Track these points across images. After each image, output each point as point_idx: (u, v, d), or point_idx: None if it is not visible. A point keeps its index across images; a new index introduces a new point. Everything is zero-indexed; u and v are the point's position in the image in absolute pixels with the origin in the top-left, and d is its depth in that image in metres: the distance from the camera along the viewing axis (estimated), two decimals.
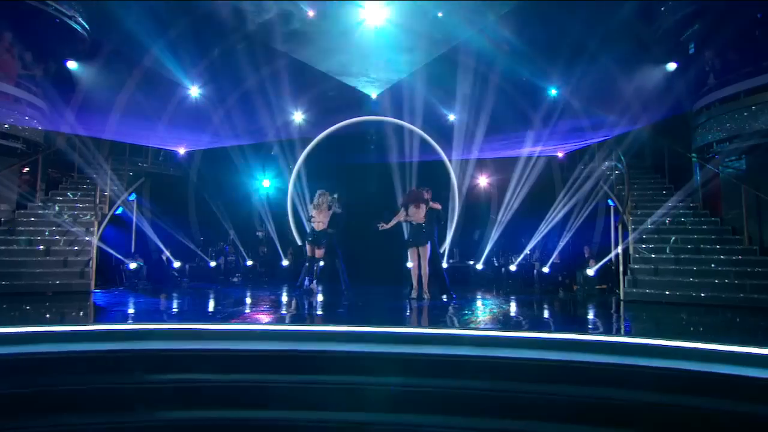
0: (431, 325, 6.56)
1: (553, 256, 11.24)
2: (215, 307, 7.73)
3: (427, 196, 9.03)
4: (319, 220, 9.45)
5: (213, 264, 12.09)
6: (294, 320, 6.75)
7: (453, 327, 6.41)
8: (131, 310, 7.31)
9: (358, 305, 8.22)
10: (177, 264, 11.29)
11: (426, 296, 8.85)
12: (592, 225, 12.93)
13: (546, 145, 12.38)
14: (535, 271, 11.24)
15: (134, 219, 12.89)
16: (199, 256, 12.26)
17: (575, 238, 13.31)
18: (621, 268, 8.97)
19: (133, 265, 10.46)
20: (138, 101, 12.25)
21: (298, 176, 15.02)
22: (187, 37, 12.19)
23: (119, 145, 12.40)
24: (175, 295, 9.32)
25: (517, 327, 6.45)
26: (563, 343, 5.60)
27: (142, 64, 12.21)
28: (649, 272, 8.97)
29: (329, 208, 9.66)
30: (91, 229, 9.87)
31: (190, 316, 6.74)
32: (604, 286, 9.99)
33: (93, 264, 9.34)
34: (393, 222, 9.21)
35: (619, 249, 9.21)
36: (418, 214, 8.84)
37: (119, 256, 10.64)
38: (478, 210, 14.61)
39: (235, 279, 11.99)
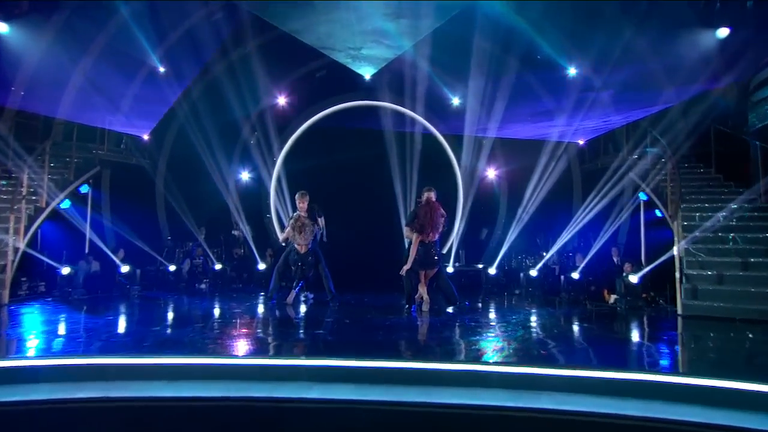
0: (443, 356, 4.72)
1: (585, 259, 9.42)
2: (146, 328, 5.84)
3: (440, 209, 7.17)
4: (301, 243, 7.55)
5: (172, 268, 10.21)
6: (257, 348, 4.89)
7: (472, 360, 4.57)
8: (29, 335, 5.37)
9: (343, 323, 6.37)
10: (125, 269, 9.39)
11: (423, 301, 7.10)
12: (612, 221, 11.16)
13: (570, 124, 10.56)
14: (562, 278, 9.40)
15: (88, 215, 11.02)
16: (158, 259, 10.37)
17: (598, 237, 11.54)
18: (677, 275, 7.16)
19: (65, 271, 8.56)
20: (91, 75, 10.35)
21: (282, 169, 13.27)
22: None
23: (65, 127, 10.53)
24: (105, 308, 7.44)
25: (566, 359, 4.62)
26: (642, 386, 3.80)
27: (94, 34, 10.34)
28: (710, 280, 7.16)
29: (314, 221, 7.77)
30: (17, 226, 7.97)
31: (96, 344, 4.86)
32: (645, 296, 8.18)
33: (9, 270, 7.45)
34: (414, 250, 7.16)
35: (675, 251, 7.39)
36: (435, 234, 7.05)
37: (49, 260, 8.74)
38: (485, 205, 12.80)
39: (203, 286, 10.14)
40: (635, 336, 5.97)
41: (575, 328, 6.44)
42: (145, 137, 11.92)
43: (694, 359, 4.88)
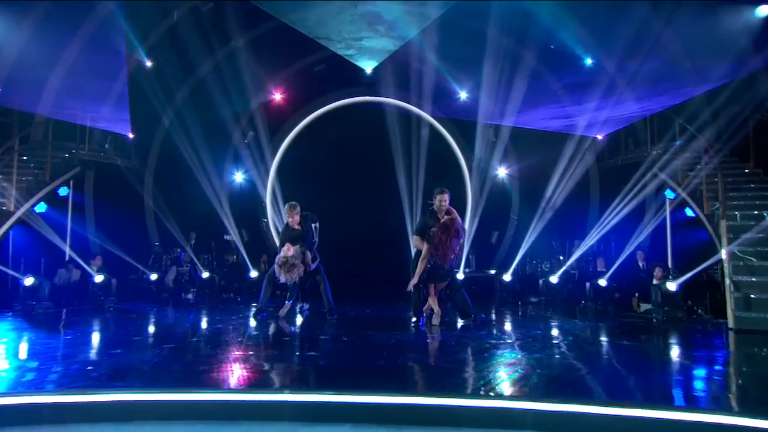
0: (459, 388, 3.82)
1: (615, 264, 8.50)
2: (102, 352, 4.96)
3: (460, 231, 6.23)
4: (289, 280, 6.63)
5: (154, 277, 9.33)
6: (230, 378, 4.01)
7: (497, 393, 3.68)
8: None
9: (340, 342, 5.48)
10: (99, 278, 8.52)
11: (434, 313, 6.23)
12: (634, 222, 10.25)
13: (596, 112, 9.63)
14: (587, 285, 8.47)
15: (68, 220, 10.23)
16: (140, 268, 9.51)
17: (619, 240, 10.62)
18: (726, 282, 6.23)
19: (28, 282, 7.70)
20: (70, 67, 9.54)
21: (278, 170, 12.46)
22: None
23: (46, 123, 9.73)
24: (66, 325, 6.55)
25: (613, 391, 3.72)
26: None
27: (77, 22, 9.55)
28: (763, 288, 6.22)
29: (308, 232, 6.84)
30: None
31: (28, 375, 3.97)
32: (683, 306, 7.26)
33: None
34: (422, 266, 6.18)
35: (723, 254, 6.46)
36: (450, 258, 6.14)
37: (10, 271, 7.89)
38: (496, 206, 11.90)
39: (190, 296, 9.27)
40: (691, 358, 5.03)
41: (614, 346, 5.52)
42: (131, 135, 11.08)
43: None
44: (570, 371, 4.17)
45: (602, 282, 8.26)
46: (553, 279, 9.08)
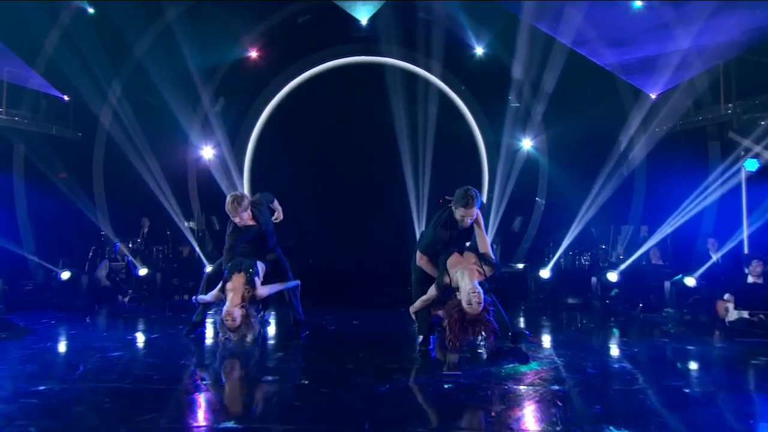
0: None
1: (717, 254, 6.31)
2: None
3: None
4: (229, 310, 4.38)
5: (65, 276, 7.07)
6: None
7: None
8: None
9: (305, 389, 3.35)
10: None
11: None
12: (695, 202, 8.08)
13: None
14: (667, 285, 6.22)
15: None
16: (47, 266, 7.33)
17: (679, 225, 8.42)
18: None
19: None
20: None
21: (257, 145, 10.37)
22: None
23: None
24: None
25: None
26: None
27: None
28: None
29: (265, 221, 4.76)
30: None
31: None
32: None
33: None
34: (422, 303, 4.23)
35: None
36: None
37: None
38: (517, 187, 9.71)
39: (126, 299, 7.11)
40: None
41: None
42: (66, 98, 8.90)
43: None
44: None
45: (690, 281, 6.01)
46: (612, 276, 6.85)
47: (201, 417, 2.79)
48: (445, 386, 3.26)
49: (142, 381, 3.42)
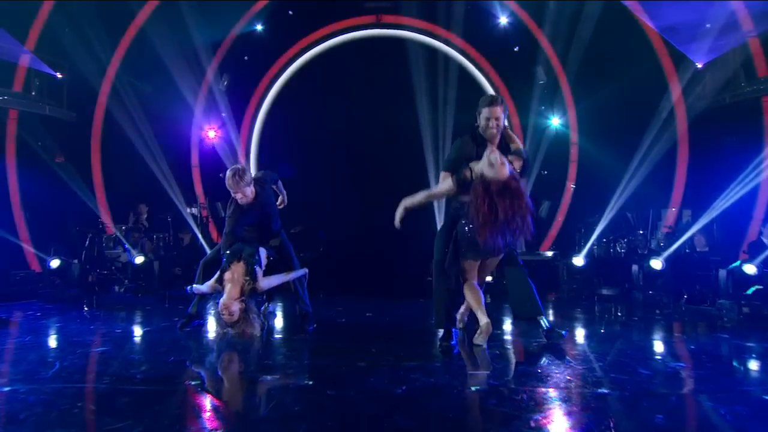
0: None
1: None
2: None
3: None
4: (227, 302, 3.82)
5: (55, 264, 6.49)
6: None
7: None
8: None
9: (309, 391, 2.72)
10: None
11: (478, 331, 3.40)
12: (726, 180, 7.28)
13: None
14: (723, 273, 5.48)
15: None
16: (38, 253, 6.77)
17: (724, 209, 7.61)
18: None
19: None
20: None
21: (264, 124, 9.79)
22: None
23: None
24: None
25: None
26: None
27: None
28: None
29: (274, 210, 4.28)
30: None
31: None
32: None
33: None
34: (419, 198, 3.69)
35: None
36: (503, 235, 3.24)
37: None
38: (545, 168, 8.98)
39: (122, 290, 6.53)
40: None
41: None
42: (59, 75, 8.32)
43: None
44: None
45: (749, 269, 5.26)
46: (656, 264, 6.10)
47: (184, 425, 2.19)
48: (472, 389, 2.66)
49: (122, 381, 2.84)
